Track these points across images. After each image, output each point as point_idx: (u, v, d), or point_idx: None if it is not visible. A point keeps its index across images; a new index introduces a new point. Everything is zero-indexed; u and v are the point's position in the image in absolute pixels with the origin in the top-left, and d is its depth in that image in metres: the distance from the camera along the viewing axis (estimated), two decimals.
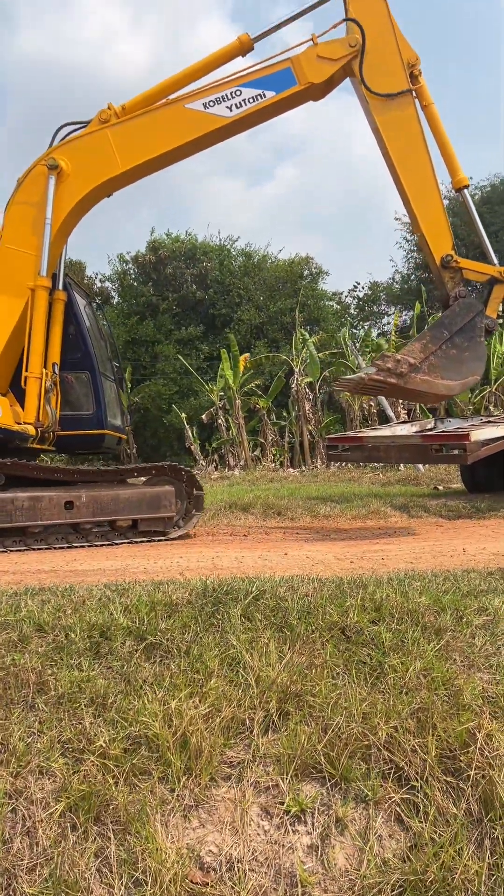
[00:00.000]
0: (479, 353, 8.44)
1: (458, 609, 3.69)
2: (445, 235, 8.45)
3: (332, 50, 7.91)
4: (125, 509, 7.38)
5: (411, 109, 8.11)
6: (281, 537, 7.76)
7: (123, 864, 2.46)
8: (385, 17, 8.00)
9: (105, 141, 7.69)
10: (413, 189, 8.29)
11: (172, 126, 7.76)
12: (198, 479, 8.02)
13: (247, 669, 3.13)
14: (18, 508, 6.83)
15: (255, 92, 7.78)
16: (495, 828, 2.53)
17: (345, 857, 2.55)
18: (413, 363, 7.83)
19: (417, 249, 35.15)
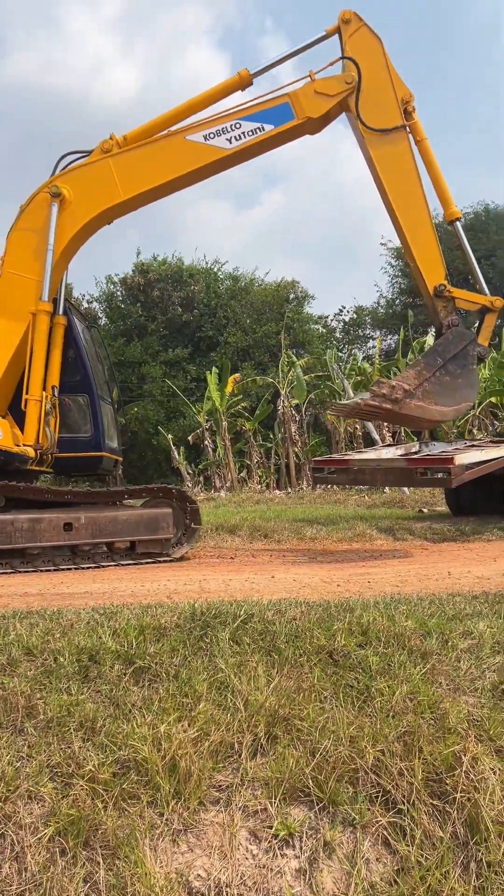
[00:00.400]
0: (471, 381, 8.69)
1: (443, 633, 3.74)
2: (438, 266, 8.70)
3: (329, 86, 8.19)
4: (123, 531, 7.45)
5: (405, 144, 8.39)
6: (268, 560, 7.79)
7: (112, 890, 2.46)
8: (380, 56, 8.29)
9: (107, 170, 7.86)
10: (407, 221, 8.55)
11: (173, 157, 7.95)
12: (190, 496, 8.12)
13: (235, 693, 3.15)
14: (18, 530, 6.87)
15: (255, 125, 8.02)
16: (481, 850, 2.57)
17: (332, 881, 2.57)
18: (408, 389, 8.04)
19: (402, 275, 35.73)
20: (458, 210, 8.95)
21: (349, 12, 8.30)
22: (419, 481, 9.99)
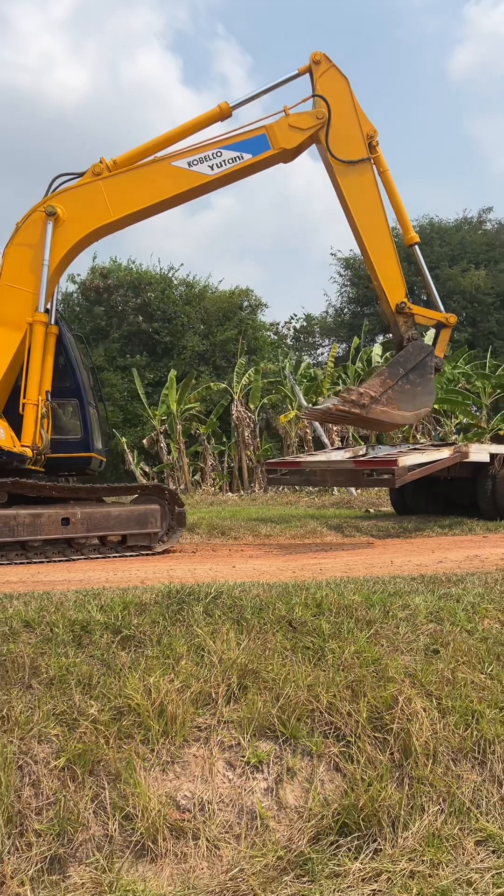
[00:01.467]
0: (429, 389, 9.69)
1: (385, 605, 4.37)
2: (399, 285, 9.67)
3: (302, 120, 9.01)
4: (116, 525, 8.03)
5: (370, 175, 9.32)
6: (227, 553, 8.37)
7: (116, 806, 3.00)
8: (347, 94, 9.20)
9: (98, 192, 8.43)
10: (371, 244, 9.48)
11: (160, 181, 8.60)
12: (180, 498, 8.80)
13: (210, 653, 3.72)
14: (20, 524, 7.42)
15: (235, 154, 8.74)
16: (412, 768, 3.20)
17: (294, 797, 3.16)
18: (374, 396, 8.97)
19: (350, 284, 36.80)
20: (416, 235, 10.03)
21: (319, 54, 9.21)
22: (366, 482, 10.76)
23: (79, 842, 2.92)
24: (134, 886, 2.78)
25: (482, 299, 31.46)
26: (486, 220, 37.54)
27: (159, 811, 2.99)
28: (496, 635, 4.17)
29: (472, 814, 3.11)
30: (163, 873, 2.88)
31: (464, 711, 3.48)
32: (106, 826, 2.96)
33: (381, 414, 9.08)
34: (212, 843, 2.98)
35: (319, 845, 2.95)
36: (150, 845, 2.92)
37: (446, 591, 4.78)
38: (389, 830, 2.99)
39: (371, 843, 2.95)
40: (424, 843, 2.95)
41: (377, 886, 2.78)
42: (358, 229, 9.44)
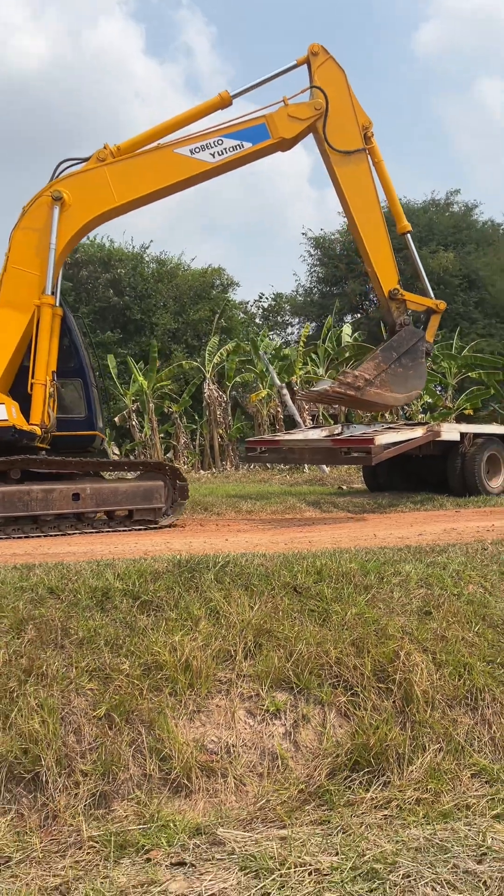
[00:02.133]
0: (420, 372, 10.27)
1: (379, 572, 4.75)
2: (392, 272, 10.10)
3: (300, 111, 9.27)
4: (123, 500, 8.39)
5: (365, 165, 9.65)
6: (216, 528, 8.69)
7: (152, 749, 3.33)
8: (344, 86, 9.46)
9: (103, 177, 8.60)
10: (366, 232, 9.85)
11: (163, 168, 8.79)
12: (182, 474, 9.17)
13: (226, 615, 4.05)
14: (34, 499, 7.72)
15: (235, 142, 8.97)
16: (413, 712, 3.59)
17: (309, 740, 3.53)
18: (368, 379, 9.50)
19: (320, 264, 37.04)
20: (408, 224, 10.44)
21: (317, 46, 9.43)
22: (343, 459, 11.16)
23: (121, 780, 3.24)
24: (173, 817, 3.11)
25: (449, 281, 32.02)
26: (453, 202, 38.09)
27: (191, 753, 3.33)
28: (480, 598, 4.59)
29: (466, 751, 3.52)
30: (197, 806, 3.22)
31: (456, 664, 3.89)
32: (144, 766, 3.29)
33: (375, 396, 9.61)
34: (238, 780, 3.34)
35: (335, 779, 3.33)
36: (185, 782, 3.26)
37: (433, 560, 5.18)
38: (396, 766, 3.38)
39: (381, 777, 3.34)
40: (427, 775, 3.35)
41: (388, 812, 3.17)
42: (353, 217, 9.83)
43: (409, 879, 2.68)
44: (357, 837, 2.96)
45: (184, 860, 2.85)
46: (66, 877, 2.77)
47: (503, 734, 3.65)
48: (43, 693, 3.45)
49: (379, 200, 9.90)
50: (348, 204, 9.83)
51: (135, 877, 2.75)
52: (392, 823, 3.10)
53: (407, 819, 3.12)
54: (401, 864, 2.77)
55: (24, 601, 4.07)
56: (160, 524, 8.64)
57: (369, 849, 2.88)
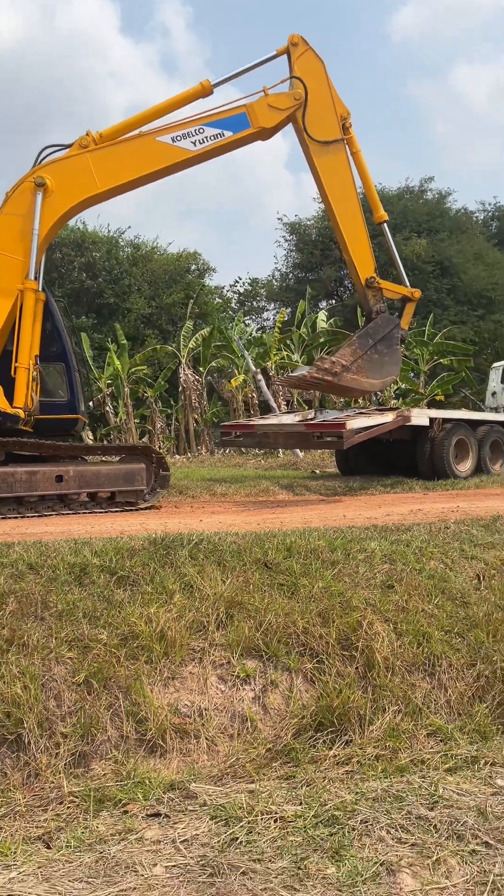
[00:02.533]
0: (396, 358, 10.59)
1: (346, 549, 4.98)
2: (369, 261, 10.32)
3: (280, 101, 9.40)
4: (105, 482, 8.54)
5: (343, 155, 9.83)
6: (190, 509, 8.87)
7: (129, 713, 3.53)
8: (323, 77, 9.62)
9: (86, 164, 8.65)
10: (343, 221, 10.04)
11: (145, 155, 8.87)
12: (163, 457, 9.37)
13: (199, 589, 4.25)
14: (18, 481, 7.85)
15: (216, 131, 9.09)
16: (374, 677, 3.84)
17: (277, 703, 3.76)
18: (345, 364, 9.77)
19: (296, 249, 37.12)
20: (385, 214, 10.66)
21: (297, 36, 9.56)
22: (315, 444, 11.39)
23: (99, 741, 3.44)
24: (148, 775, 3.32)
25: (422, 267, 32.32)
26: (427, 189, 38.39)
27: (166, 716, 3.53)
28: (440, 573, 4.85)
29: (423, 713, 3.78)
30: (171, 765, 3.44)
31: (416, 633, 4.14)
32: (121, 729, 3.49)
33: (352, 381, 9.90)
34: (210, 740, 3.56)
35: (301, 739, 3.56)
36: (160, 743, 3.47)
37: (397, 538, 5.42)
38: (357, 726, 3.62)
39: (343, 736, 3.58)
40: (386, 734, 3.60)
41: (349, 767, 3.41)
42: (331, 206, 10.03)
43: (366, 825, 2.93)
44: (319, 790, 3.20)
45: (159, 812, 3.07)
46: (49, 828, 2.97)
47: (458, 697, 3.91)
48: (24, 661, 3.62)
49: (356, 190, 10.08)
50: (326, 193, 10.00)
51: (113, 826, 2.96)
52: (352, 777, 3.34)
53: (366, 773, 3.36)
54: (359, 812, 3.01)
55: (4, 576, 4.22)
56: (141, 506, 8.80)
57: (330, 799, 3.12)
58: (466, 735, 3.70)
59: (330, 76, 9.64)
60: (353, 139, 9.93)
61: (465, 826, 2.92)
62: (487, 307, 32.80)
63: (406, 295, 11.00)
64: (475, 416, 13.47)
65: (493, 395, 16.91)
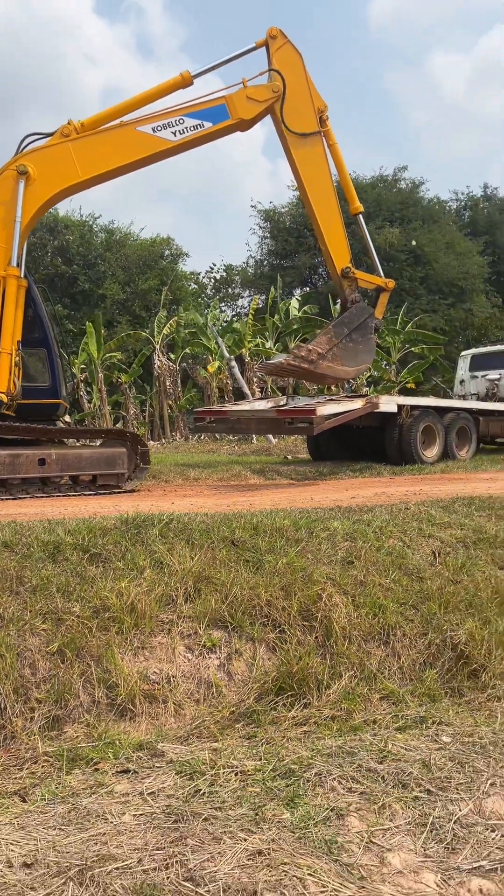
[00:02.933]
0: (370, 347, 10.95)
1: (309, 528, 5.23)
2: (345, 251, 10.61)
3: (259, 93, 9.58)
4: (87, 466, 8.78)
5: (320, 147, 10.06)
6: (163, 493, 9.06)
7: (100, 679, 3.74)
8: (301, 70, 9.81)
9: (68, 153, 8.76)
10: (320, 212, 10.29)
11: (126, 145, 8.99)
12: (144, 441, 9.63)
13: (169, 565, 4.47)
14: (1, 464, 8.08)
15: (196, 122, 9.23)
16: (332, 644, 4.09)
17: (241, 671, 3.99)
18: (321, 352, 10.11)
19: (270, 237, 37.17)
20: (360, 205, 10.95)
21: (275, 29, 9.72)
22: (287, 429, 11.66)
23: (72, 706, 3.64)
24: (118, 736, 3.54)
25: (395, 256, 32.61)
26: (400, 178, 38.59)
27: (136, 682, 3.75)
28: (398, 551, 5.12)
29: (377, 678, 4.05)
30: (140, 727, 3.66)
31: (372, 605, 4.40)
32: (93, 694, 3.70)
33: (327, 369, 10.25)
34: (177, 705, 3.78)
35: (263, 702, 3.80)
36: (130, 707, 3.69)
37: (359, 518, 5.68)
38: (315, 690, 3.87)
39: (302, 700, 3.83)
40: (342, 698, 3.85)
41: (307, 728, 3.66)
42: (308, 198, 10.27)
43: (319, 776, 3.18)
44: (278, 747, 3.45)
45: (128, 769, 3.29)
46: (24, 784, 3.17)
47: (410, 664, 4.19)
48: (0, 633, 3.81)
49: (333, 182, 10.32)
50: (304, 184, 10.23)
51: (85, 781, 3.17)
52: (309, 736, 3.60)
53: (322, 733, 3.62)
54: (314, 766, 3.26)
55: None
56: (123, 489, 9.05)
57: (288, 755, 3.36)
58: (416, 698, 3.97)
59: (308, 70, 9.85)
60: (329, 132, 10.15)
61: (410, 776, 3.18)
62: (458, 296, 33.22)
63: (380, 285, 11.32)
64: (442, 404, 13.81)
65: (461, 384, 17.27)
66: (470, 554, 5.26)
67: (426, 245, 32.38)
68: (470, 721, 3.78)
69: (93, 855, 2.60)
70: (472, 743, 3.52)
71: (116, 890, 2.43)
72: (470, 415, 13.73)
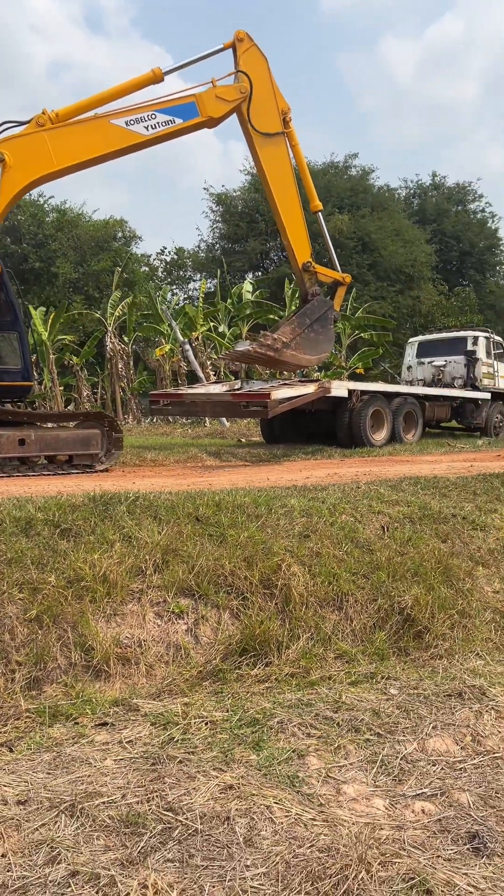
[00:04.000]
0: (329, 336, 11.86)
1: (268, 505, 5.56)
2: (306, 246, 11.29)
3: (227, 93, 10.01)
4: (64, 447, 9.15)
5: (283, 147, 10.60)
6: (122, 474, 9.26)
7: (77, 643, 4.00)
8: (266, 73, 10.29)
9: (43, 143, 8.88)
10: (283, 208, 10.84)
11: (100, 137, 9.21)
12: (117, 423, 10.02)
13: (138, 538, 4.74)
14: None
15: (168, 118, 9.55)
16: (291, 610, 4.44)
17: (207, 634, 4.31)
18: (285, 341, 10.97)
19: (222, 220, 37.19)
20: (320, 203, 11.61)
21: (242, 32, 10.13)
22: (242, 413, 11.98)
23: (50, 668, 3.90)
24: (95, 694, 3.82)
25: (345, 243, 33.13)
26: (351, 165, 39.08)
27: (109, 646, 4.03)
28: (350, 525, 5.50)
29: (332, 639, 4.42)
30: (115, 686, 3.94)
31: (327, 574, 4.76)
32: (70, 657, 3.96)
33: (291, 357, 11.07)
34: (149, 666, 4.08)
35: (228, 662, 4.13)
36: (105, 668, 3.97)
37: (314, 496, 6.05)
38: (276, 651, 4.22)
39: (264, 659, 4.17)
40: (300, 657, 4.21)
41: (269, 684, 4.01)
42: (272, 195, 10.78)
43: (281, 724, 3.53)
44: (243, 700, 3.78)
45: (106, 722, 3.57)
46: (10, 737, 3.43)
47: (361, 627, 4.57)
48: None
49: (295, 180, 10.85)
50: (268, 181, 10.76)
51: (67, 733, 3.45)
52: (271, 691, 3.94)
53: (283, 688, 3.97)
54: (276, 715, 3.61)
55: None
56: (97, 469, 9.45)
57: (252, 707, 3.70)
58: (367, 657, 4.37)
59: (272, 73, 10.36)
60: (292, 133, 10.71)
61: (361, 722, 3.56)
62: (406, 283, 33.98)
63: (338, 279, 12.09)
64: (390, 389, 14.34)
65: (408, 369, 17.86)
66: (415, 528, 5.68)
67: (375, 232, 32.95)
68: (415, 676, 4.19)
69: (81, 792, 2.89)
70: (416, 694, 3.93)
71: (104, 820, 2.73)
72: (417, 400, 14.31)
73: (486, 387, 16.67)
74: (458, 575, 5.14)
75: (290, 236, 11.12)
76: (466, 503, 6.47)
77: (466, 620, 4.80)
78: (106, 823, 2.70)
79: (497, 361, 17.36)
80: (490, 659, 4.48)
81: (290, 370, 17.85)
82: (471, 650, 4.57)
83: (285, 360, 11.26)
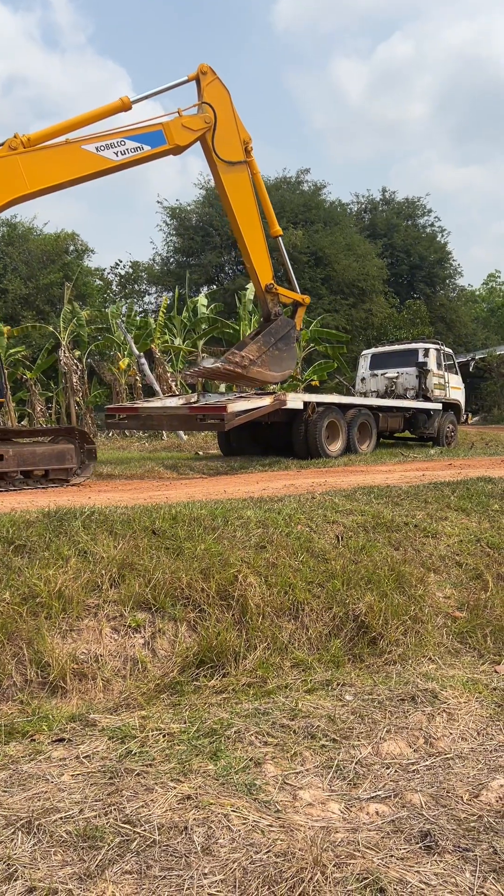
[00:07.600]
0: (293, 354, 12.62)
1: (225, 517, 5.61)
2: (268, 269, 11.94)
3: (193, 122, 10.49)
4: (40, 462, 9.34)
5: (245, 174, 11.15)
6: (78, 490, 9.20)
7: (32, 660, 3.97)
8: (229, 104, 10.81)
9: (16, 166, 9.04)
10: (246, 233, 11.38)
11: (71, 162, 9.45)
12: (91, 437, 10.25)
13: (94, 553, 4.73)
14: None
15: (136, 145, 9.91)
16: (247, 621, 4.49)
17: (164, 647, 4.33)
18: (252, 359, 11.64)
19: (176, 234, 37.29)
20: (280, 229, 12.27)
21: (206, 66, 10.60)
22: (199, 426, 12.02)
23: (6, 686, 3.87)
24: (52, 711, 3.80)
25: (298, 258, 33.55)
26: (303, 180, 39.68)
27: (66, 661, 4.01)
28: (306, 535, 5.58)
29: (288, 648, 4.48)
30: (72, 702, 3.93)
31: (283, 584, 4.83)
32: (25, 674, 3.93)
33: (257, 374, 11.72)
34: (106, 681, 4.07)
35: (185, 674, 4.15)
36: (61, 685, 3.95)
37: (270, 507, 6.12)
38: (233, 661, 4.26)
39: (221, 670, 4.20)
40: (257, 667, 4.26)
41: (226, 694, 4.04)
42: (235, 219, 11.28)
43: (238, 734, 3.57)
44: (201, 711, 3.81)
45: (63, 737, 3.56)
46: None
47: (317, 635, 4.65)
48: None
49: (257, 206, 11.36)
50: (231, 207, 11.22)
51: (23, 750, 3.42)
52: (229, 702, 3.98)
53: (240, 698, 4.01)
54: (233, 725, 3.65)
55: None
56: (72, 483, 9.64)
57: (210, 718, 3.73)
58: (323, 664, 4.44)
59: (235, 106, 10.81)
60: (253, 162, 11.23)
61: (317, 729, 3.63)
62: (359, 296, 34.56)
63: (298, 300, 12.70)
64: (345, 401, 14.56)
65: (362, 381, 18.16)
66: (369, 537, 5.80)
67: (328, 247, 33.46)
68: (369, 682, 4.27)
69: (38, 808, 2.88)
70: (371, 699, 4.01)
71: (62, 835, 2.73)
72: (370, 411, 14.57)
73: (437, 397, 17.06)
74: (411, 582, 5.26)
75: (252, 259, 11.66)
76: (418, 511, 6.62)
77: (419, 626, 4.92)
78: (63, 839, 2.70)
79: (448, 373, 17.79)
80: (442, 663, 4.59)
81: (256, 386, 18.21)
82: (423, 655, 4.68)
83: (252, 376, 11.84)
